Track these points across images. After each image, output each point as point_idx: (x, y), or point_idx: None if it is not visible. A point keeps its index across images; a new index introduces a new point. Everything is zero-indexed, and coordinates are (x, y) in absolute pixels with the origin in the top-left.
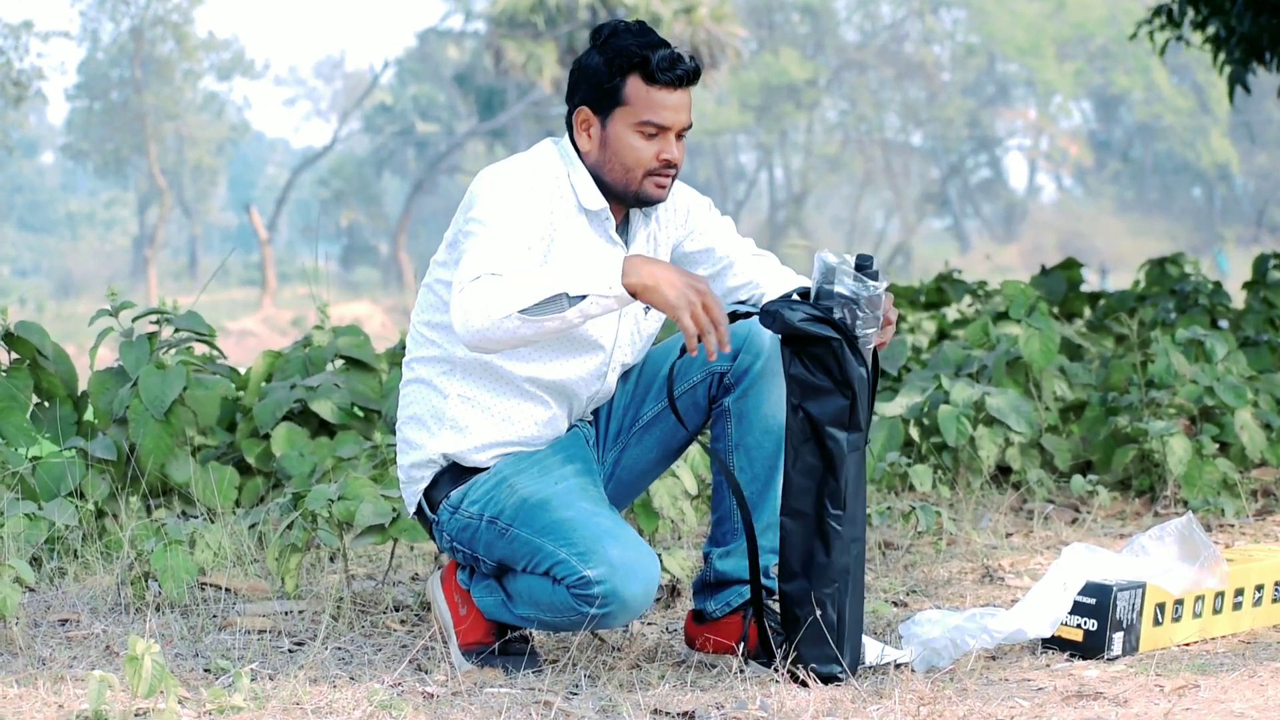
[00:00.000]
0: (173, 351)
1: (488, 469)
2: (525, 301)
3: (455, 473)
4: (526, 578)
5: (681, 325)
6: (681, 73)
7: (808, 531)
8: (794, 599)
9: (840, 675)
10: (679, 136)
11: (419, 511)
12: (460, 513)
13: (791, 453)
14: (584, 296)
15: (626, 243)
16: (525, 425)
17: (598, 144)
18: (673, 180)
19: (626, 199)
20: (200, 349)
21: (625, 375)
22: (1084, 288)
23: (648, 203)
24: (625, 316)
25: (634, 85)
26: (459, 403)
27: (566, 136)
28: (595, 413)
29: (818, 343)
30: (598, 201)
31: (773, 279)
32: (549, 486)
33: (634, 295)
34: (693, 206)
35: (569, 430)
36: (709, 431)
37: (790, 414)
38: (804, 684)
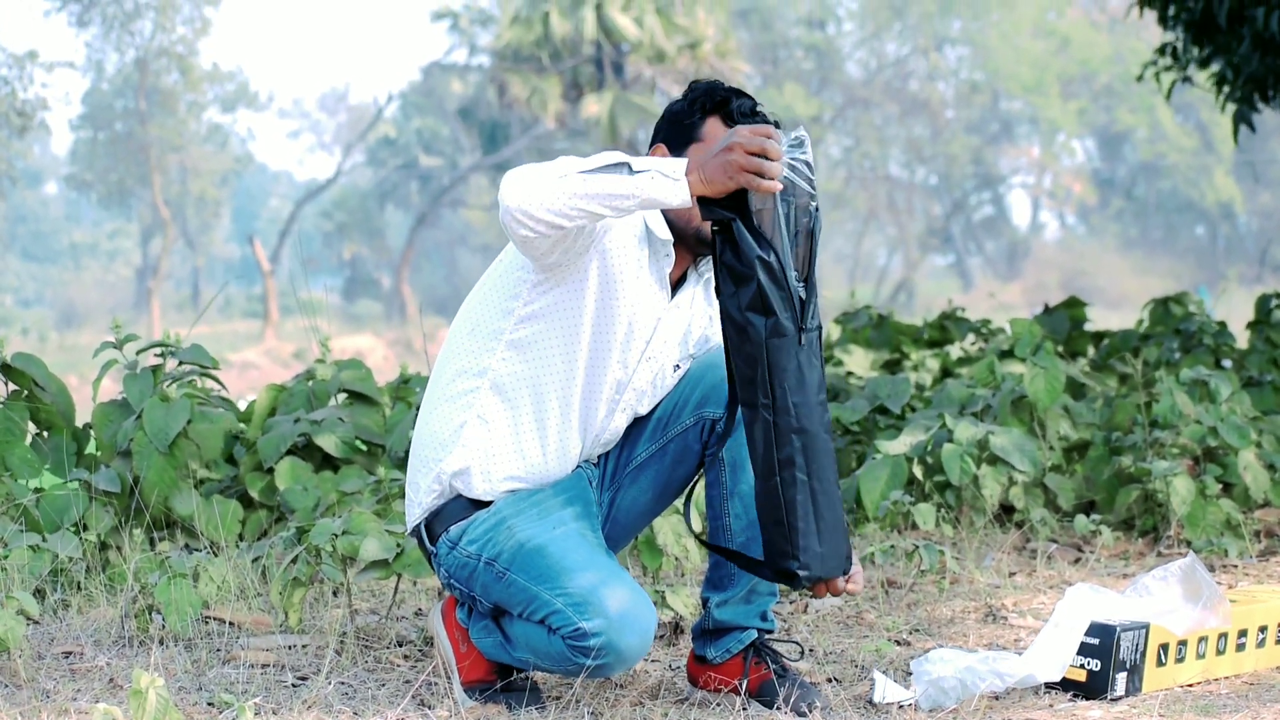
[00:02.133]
0: (175, 384)
1: (489, 504)
2: (584, 165)
3: (458, 506)
4: (523, 624)
5: (762, 189)
6: (760, 121)
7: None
8: (756, 499)
9: (798, 572)
10: None
11: (418, 538)
12: (459, 550)
13: (735, 341)
14: (645, 172)
15: (674, 293)
16: (534, 458)
17: None
18: None
19: (686, 236)
20: (201, 382)
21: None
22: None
23: (706, 243)
24: (651, 360)
25: (712, 124)
26: (477, 424)
27: None
28: (601, 460)
29: (727, 227)
30: (665, 232)
31: None
32: (546, 532)
33: (693, 194)
34: None
35: (574, 470)
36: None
37: (728, 302)
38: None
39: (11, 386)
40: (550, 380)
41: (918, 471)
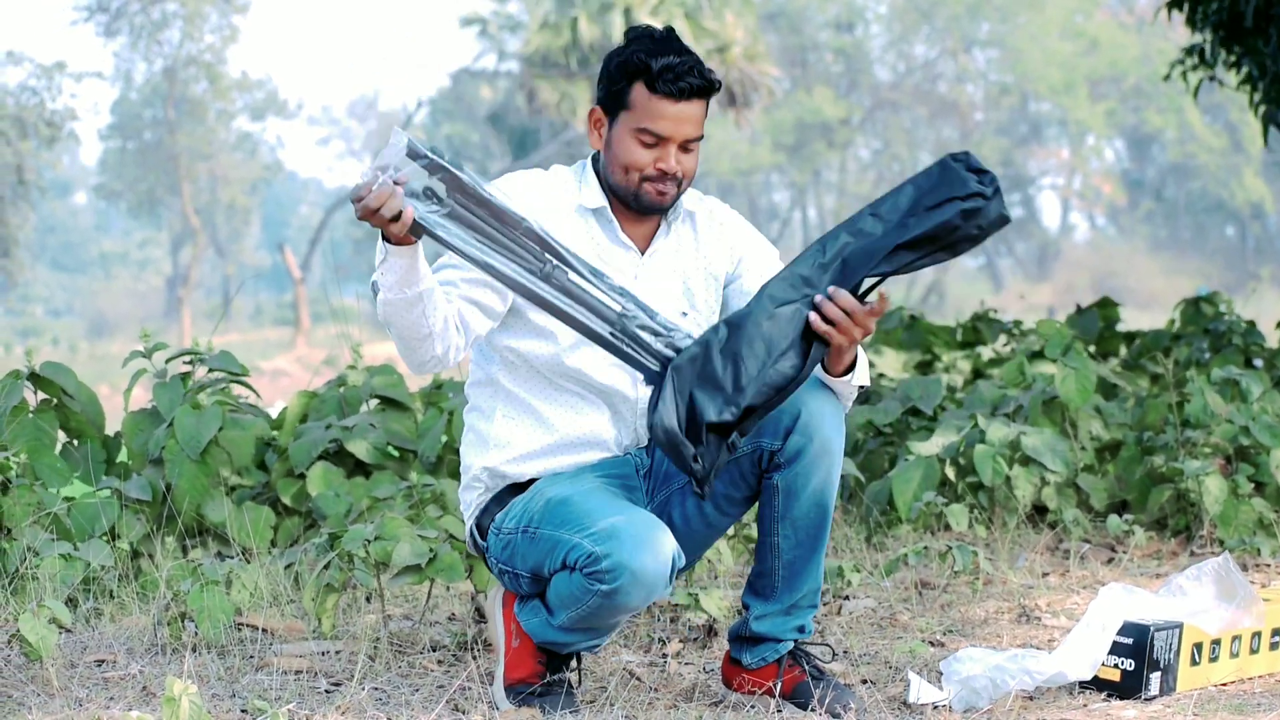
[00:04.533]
0: (207, 391)
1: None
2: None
3: (502, 496)
4: (554, 579)
5: (395, 233)
6: (685, 85)
7: None
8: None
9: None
10: (686, 148)
11: (474, 542)
12: (502, 533)
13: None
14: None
15: (645, 251)
16: (565, 429)
17: (604, 144)
18: (678, 189)
19: (629, 202)
20: (234, 389)
21: None
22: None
23: (651, 209)
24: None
25: (638, 91)
26: (503, 421)
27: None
28: (653, 451)
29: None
30: (595, 200)
31: None
32: (573, 487)
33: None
34: (741, 243)
35: (622, 455)
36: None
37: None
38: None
39: (41, 395)
40: (547, 356)
41: (950, 472)
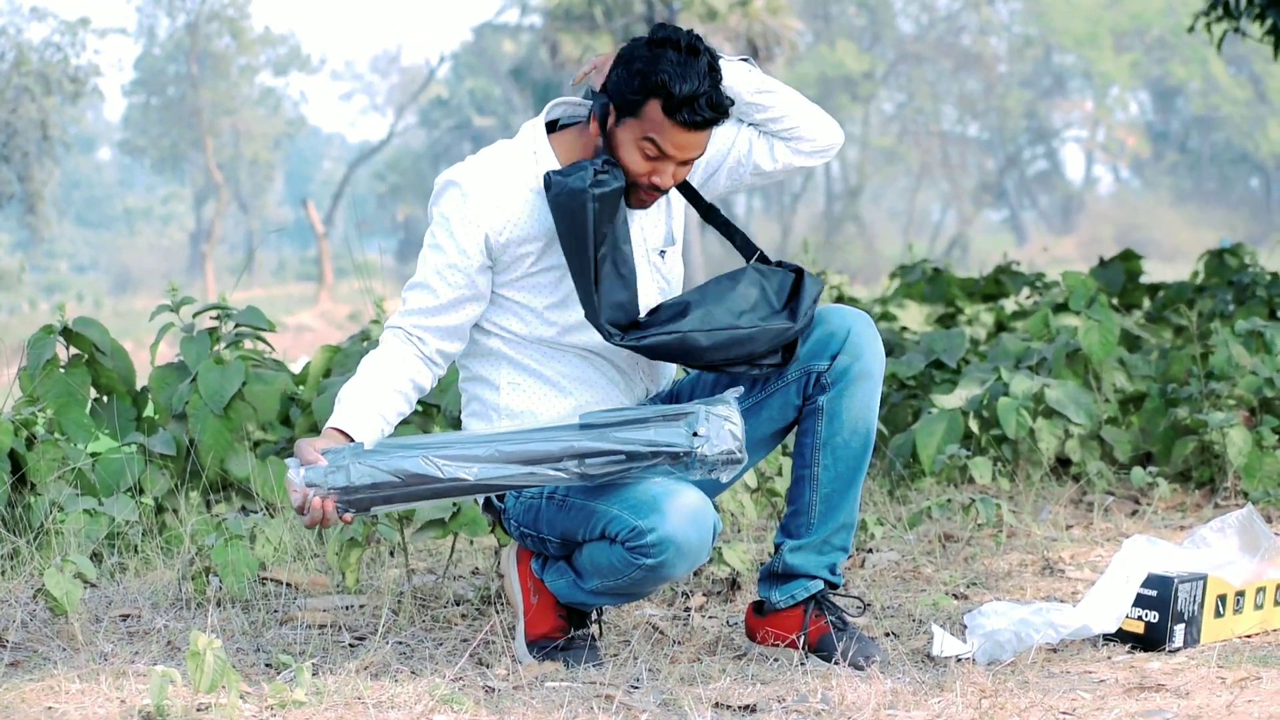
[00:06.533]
0: (230, 347)
1: None
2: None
3: None
4: (588, 547)
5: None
6: (700, 119)
7: None
8: None
9: None
10: (684, 163)
11: (487, 505)
12: (523, 497)
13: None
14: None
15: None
16: (578, 393)
17: (606, 133)
18: (658, 198)
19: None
20: (251, 344)
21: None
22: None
23: (630, 207)
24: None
25: (652, 107)
26: (510, 391)
27: (539, 120)
28: (676, 398)
29: None
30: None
31: None
32: None
33: None
34: None
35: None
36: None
37: None
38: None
39: (73, 351)
40: (536, 324)
41: (974, 425)
